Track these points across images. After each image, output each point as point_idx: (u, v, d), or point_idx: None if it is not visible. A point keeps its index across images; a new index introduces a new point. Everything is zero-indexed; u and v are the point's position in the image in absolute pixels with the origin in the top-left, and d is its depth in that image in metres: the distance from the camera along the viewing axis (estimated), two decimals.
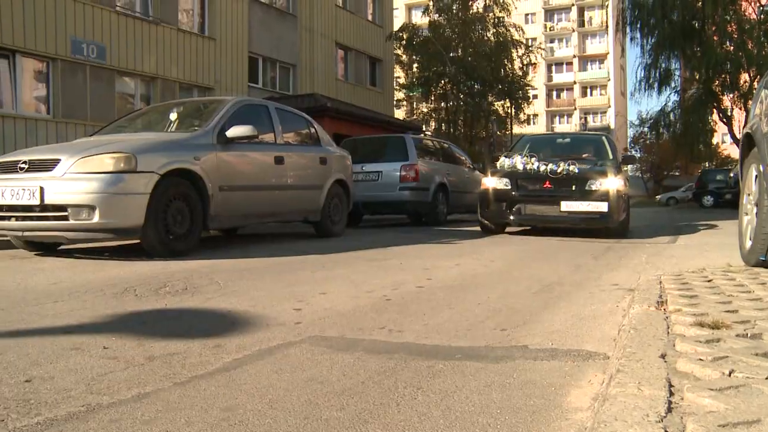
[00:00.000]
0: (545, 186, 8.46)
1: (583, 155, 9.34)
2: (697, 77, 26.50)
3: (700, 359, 1.81)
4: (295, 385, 2.08)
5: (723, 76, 26.00)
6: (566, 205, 8.22)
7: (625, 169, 10.44)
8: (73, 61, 15.14)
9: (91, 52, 15.46)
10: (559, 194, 8.33)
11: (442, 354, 2.49)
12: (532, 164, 8.61)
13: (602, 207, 8.09)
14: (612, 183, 8.20)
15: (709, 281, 3.55)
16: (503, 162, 9.07)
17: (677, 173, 52.95)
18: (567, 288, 4.20)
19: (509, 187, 8.66)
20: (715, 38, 24.86)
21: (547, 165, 8.46)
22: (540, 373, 2.22)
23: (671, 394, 1.54)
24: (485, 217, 8.98)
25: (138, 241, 5.76)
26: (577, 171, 8.32)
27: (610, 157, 9.41)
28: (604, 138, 10.28)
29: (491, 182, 8.85)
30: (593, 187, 8.20)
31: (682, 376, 1.70)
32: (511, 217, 8.62)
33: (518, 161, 8.80)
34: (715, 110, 28.07)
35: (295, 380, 2.13)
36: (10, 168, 5.68)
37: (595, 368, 2.27)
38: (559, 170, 8.34)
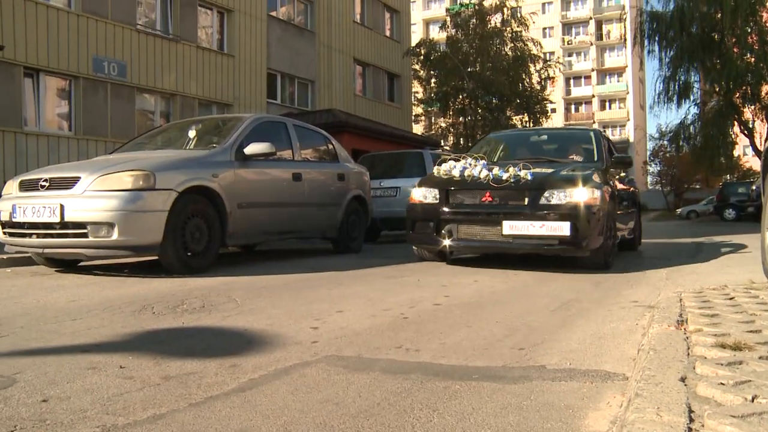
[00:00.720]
0: (484, 199, 6.26)
1: (570, 156, 7.36)
2: (717, 89, 26.27)
3: (722, 383, 1.77)
4: (311, 406, 2.07)
5: (744, 87, 25.76)
6: (510, 227, 6.00)
7: (622, 175, 8.19)
8: (95, 79, 15.38)
9: (112, 70, 15.69)
10: (501, 211, 6.13)
11: (459, 374, 2.46)
12: (472, 169, 6.45)
13: (563, 229, 5.84)
14: (581, 194, 5.89)
15: (730, 299, 3.49)
16: (441, 167, 6.83)
17: (698, 186, 52.43)
18: (586, 305, 4.15)
19: (437, 201, 6.49)
20: (735, 50, 24.67)
21: (491, 170, 6.31)
22: (557, 395, 2.19)
23: (691, 420, 1.51)
24: (412, 240, 6.94)
25: (156, 257, 5.79)
26: (530, 178, 6.09)
27: (595, 158, 7.15)
28: (591, 134, 7.78)
29: (418, 194, 6.72)
30: (553, 201, 5.95)
31: (703, 401, 1.67)
32: (445, 242, 6.40)
33: (457, 165, 6.65)
34: (736, 122, 27.80)
35: (311, 401, 2.12)
36: (32, 186, 5.77)
37: (614, 389, 2.23)
38: (505, 177, 6.13)
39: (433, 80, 31.47)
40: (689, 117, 28.80)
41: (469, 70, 29.40)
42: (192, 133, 7.10)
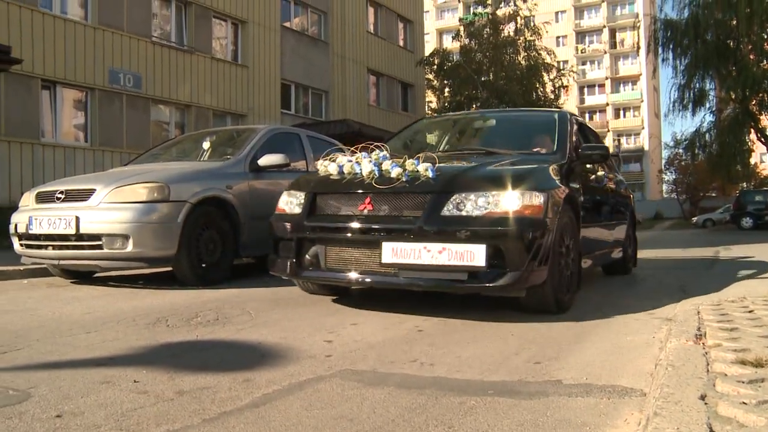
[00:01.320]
0: (362, 208, 4.11)
1: (535, 147, 5.19)
2: (733, 97, 26.12)
3: (744, 402, 1.74)
4: (325, 422, 2.05)
5: (760, 94, 25.61)
6: (393, 251, 3.89)
7: (603, 173, 5.98)
8: (111, 91, 15.54)
9: (127, 82, 15.84)
10: (381, 226, 4.00)
11: (474, 389, 2.44)
12: (355, 164, 4.36)
13: (474, 256, 3.70)
14: (511, 200, 3.80)
15: (750, 312, 3.44)
16: (324, 161, 4.65)
17: (714, 194, 52.00)
18: (601, 316, 4.11)
19: (299, 212, 4.41)
20: (751, 57, 24.54)
21: (380, 164, 4.23)
22: (574, 411, 2.16)
23: None
24: (271, 267, 4.64)
25: (171, 269, 5.81)
26: (431, 175, 4.01)
27: (555, 149, 4.97)
28: (555, 117, 5.48)
29: (282, 201, 4.67)
30: (465, 210, 3.85)
31: (724, 422, 1.63)
32: (306, 272, 4.36)
33: (342, 158, 4.51)
34: (752, 130, 27.61)
35: (325, 417, 2.10)
36: (48, 198, 5.82)
37: (631, 406, 2.20)
38: (394, 174, 4.09)
39: (446, 90, 31.48)
40: (705, 125, 28.72)
41: (482, 79, 29.41)
42: (206, 145, 7.12)
